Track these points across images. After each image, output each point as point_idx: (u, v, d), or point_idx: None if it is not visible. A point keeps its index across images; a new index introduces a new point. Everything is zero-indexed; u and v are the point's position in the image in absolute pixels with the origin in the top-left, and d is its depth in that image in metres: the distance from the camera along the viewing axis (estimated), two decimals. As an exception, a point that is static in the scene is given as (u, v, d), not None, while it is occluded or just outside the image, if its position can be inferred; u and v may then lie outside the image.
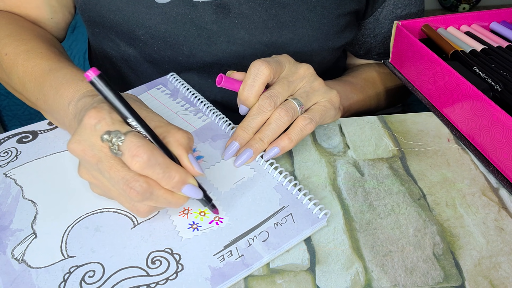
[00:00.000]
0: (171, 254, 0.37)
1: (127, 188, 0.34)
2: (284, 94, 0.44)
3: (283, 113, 0.43)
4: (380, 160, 0.48)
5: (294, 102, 0.44)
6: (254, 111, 0.44)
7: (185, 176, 0.35)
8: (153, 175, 0.34)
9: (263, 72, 0.43)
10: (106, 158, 0.34)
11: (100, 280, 0.35)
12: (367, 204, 0.43)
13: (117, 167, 0.34)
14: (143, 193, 0.34)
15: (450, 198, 0.44)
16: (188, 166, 0.36)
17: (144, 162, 0.33)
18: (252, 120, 0.44)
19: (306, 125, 0.44)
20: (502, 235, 0.40)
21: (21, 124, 1.43)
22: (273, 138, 0.44)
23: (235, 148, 0.44)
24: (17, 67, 0.50)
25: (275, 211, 0.40)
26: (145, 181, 0.34)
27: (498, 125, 0.44)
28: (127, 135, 0.33)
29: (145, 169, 0.33)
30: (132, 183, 0.33)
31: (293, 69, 0.46)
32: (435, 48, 0.57)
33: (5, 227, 0.39)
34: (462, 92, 0.48)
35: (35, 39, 0.53)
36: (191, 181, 0.36)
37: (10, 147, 0.47)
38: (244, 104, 0.45)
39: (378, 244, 0.39)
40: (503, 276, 0.37)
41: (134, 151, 0.33)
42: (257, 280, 0.37)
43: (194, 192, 0.36)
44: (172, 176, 0.34)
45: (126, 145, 0.33)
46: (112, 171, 0.34)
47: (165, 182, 0.34)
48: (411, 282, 0.36)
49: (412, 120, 0.53)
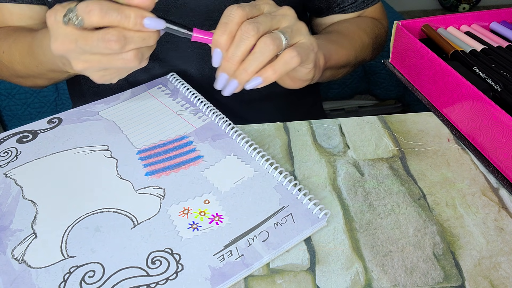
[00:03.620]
0: (171, 254, 0.37)
1: (106, 42, 0.38)
2: (267, 23, 0.42)
3: (268, 41, 0.41)
4: (380, 160, 0.48)
5: (280, 34, 0.42)
6: (237, 38, 0.41)
7: (139, 11, 0.39)
8: (113, 20, 0.38)
9: (236, 12, 0.41)
10: (79, 36, 0.39)
11: (100, 280, 0.35)
12: (367, 204, 0.43)
13: (90, 35, 0.39)
14: (119, 38, 0.38)
15: (450, 198, 0.44)
16: (136, 2, 0.39)
17: (98, 10, 0.38)
18: (237, 49, 0.41)
19: (292, 57, 0.42)
20: (502, 235, 0.40)
21: (21, 124, 1.42)
22: (258, 68, 0.42)
23: (224, 79, 0.43)
24: (14, 54, 0.56)
25: (275, 211, 0.40)
26: (114, 29, 0.39)
27: (498, 125, 0.44)
28: (77, 5, 0.39)
29: (103, 17, 0.38)
30: (106, 36, 0.38)
31: (274, 8, 0.45)
32: (435, 48, 0.57)
33: (5, 227, 0.39)
34: (462, 92, 0.48)
35: (18, 31, 0.59)
36: (148, 14, 0.39)
37: (10, 147, 0.47)
38: (217, 45, 0.42)
39: (378, 244, 0.39)
40: (503, 276, 0.37)
41: (87, 9, 0.38)
42: (257, 280, 0.37)
43: (156, 22, 0.40)
44: (128, 15, 0.38)
45: (79, 10, 0.38)
46: (88, 41, 0.39)
47: (126, 22, 0.38)
48: (411, 282, 0.36)
49: (412, 120, 0.53)
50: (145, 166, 0.45)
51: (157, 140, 0.48)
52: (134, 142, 0.47)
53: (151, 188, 0.42)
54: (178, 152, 0.46)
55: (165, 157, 0.46)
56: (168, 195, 0.42)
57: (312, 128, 0.53)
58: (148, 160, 0.45)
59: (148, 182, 0.43)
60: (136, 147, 0.47)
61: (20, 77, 0.61)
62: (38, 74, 0.57)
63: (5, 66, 0.59)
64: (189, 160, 0.45)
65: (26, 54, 0.55)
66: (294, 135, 0.52)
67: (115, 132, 0.49)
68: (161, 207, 0.40)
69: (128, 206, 0.41)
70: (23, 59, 0.56)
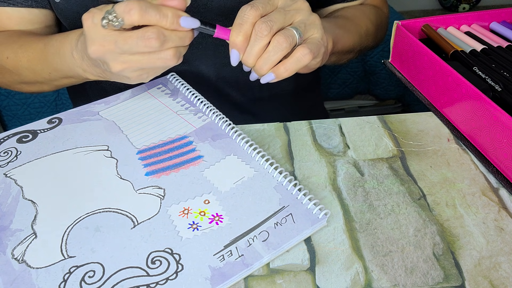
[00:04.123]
0: (171, 254, 0.37)
1: (146, 40, 0.39)
2: (280, 20, 0.43)
3: (281, 40, 0.42)
4: (380, 160, 0.48)
5: (293, 30, 0.43)
6: (252, 39, 0.43)
7: (175, 11, 0.40)
8: (152, 19, 0.39)
9: (249, 13, 0.42)
10: (118, 36, 0.40)
11: (100, 280, 0.35)
12: (367, 204, 0.43)
13: (129, 35, 0.40)
14: (158, 36, 0.40)
15: (450, 198, 0.44)
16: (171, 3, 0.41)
17: (138, 9, 0.38)
18: (251, 48, 0.43)
19: (304, 55, 0.43)
20: (502, 235, 0.40)
21: (21, 124, 1.42)
22: (271, 66, 0.44)
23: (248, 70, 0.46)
24: (21, 61, 0.56)
25: (275, 211, 0.40)
26: (153, 27, 0.40)
27: (498, 125, 0.44)
28: (114, 6, 0.40)
29: (143, 16, 0.39)
30: (146, 34, 0.39)
31: (289, 2, 0.45)
32: (435, 48, 0.57)
33: (5, 227, 0.39)
34: (462, 92, 0.48)
35: (23, 36, 0.58)
36: (184, 14, 0.41)
37: (10, 147, 0.47)
38: (234, 46, 0.43)
39: (378, 244, 0.39)
40: (503, 276, 0.37)
41: (126, 8, 0.39)
42: (257, 280, 0.37)
43: (192, 22, 0.41)
44: (166, 14, 0.39)
45: (118, 11, 0.39)
46: (128, 41, 0.40)
47: (164, 21, 0.40)
48: (411, 282, 0.36)
49: (412, 120, 0.53)
50: (145, 166, 0.45)
51: (157, 140, 0.48)
52: (134, 142, 0.47)
53: (151, 188, 0.42)
54: (178, 152, 0.46)
55: (165, 157, 0.46)
56: (168, 195, 0.42)
57: (312, 128, 0.53)
58: (148, 160, 0.45)
59: (148, 182, 0.43)
60: (136, 147, 0.47)
61: (24, 83, 0.60)
62: (48, 81, 0.57)
63: (8, 71, 0.58)
64: (189, 160, 0.45)
65: (37, 60, 0.55)
66: (294, 135, 0.52)
67: (115, 132, 0.49)
68: (161, 207, 0.40)
69: (128, 206, 0.41)
70: (33, 65, 0.55)
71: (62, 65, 0.52)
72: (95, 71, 0.49)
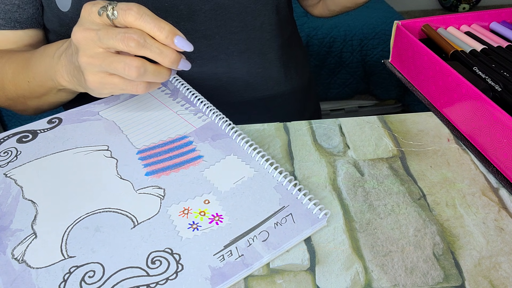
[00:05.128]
0: (171, 254, 0.37)
1: (125, 37, 0.39)
2: None
3: None
4: (380, 160, 0.48)
5: None
6: None
7: (174, 29, 0.40)
8: (146, 25, 0.39)
9: None
10: (103, 26, 0.40)
11: (100, 280, 0.35)
12: (367, 204, 0.43)
13: (113, 29, 0.40)
14: (139, 37, 0.39)
15: (450, 198, 0.44)
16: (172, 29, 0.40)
17: (135, 12, 0.38)
18: None
19: None
20: (502, 235, 0.40)
21: (21, 124, 1.42)
22: None
23: None
24: (7, 74, 0.55)
25: (275, 211, 0.40)
26: (139, 29, 0.39)
27: (498, 125, 0.44)
28: (118, 3, 0.40)
29: (137, 19, 0.38)
30: (129, 32, 0.39)
31: None
32: (435, 48, 0.57)
33: (5, 227, 0.39)
34: (462, 92, 0.48)
35: (9, 52, 0.58)
36: (181, 34, 0.40)
37: (10, 147, 0.47)
38: None
39: (378, 244, 0.39)
40: (503, 276, 0.37)
41: (126, 7, 0.39)
42: (257, 280, 0.37)
43: (186, 44, 0.40)
44: (162, 27, 0.39)
45: (118, 6, 0.39)
46: (109, 32, 0.39)
47: (157, 31, 0.39)
48: (411, 282, 0.36)
49: (412, 120, 0.53)
50: (145, 166, 0.45)
51: (157, 140, 0.48)
52: (134, 142, 0.47)
53: (151, 188, 0.42)
54: (178, 152, 0.46)
55: (165, 157, 0.46)
56: (168, 195, 0.42)
57: (312, 128, 0.53)
58: (148, 160, 0.45)
59: (148, 182, 0.43)
60: (136, 147, 0.47)
61: (10, 100, 0.59)
62: (28, 93, 0.55)
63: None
64: (189, 160, 0.45)
65: (20, 70, 0.54)
66: (294, 135, 0.52)
67: (115, 132, 0.49)
68: (161, 207, 0.40)
69: (128, 206, 0.41)
70: (16, 77, 0.55)
71: (40, 65, 0.51)
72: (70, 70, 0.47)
